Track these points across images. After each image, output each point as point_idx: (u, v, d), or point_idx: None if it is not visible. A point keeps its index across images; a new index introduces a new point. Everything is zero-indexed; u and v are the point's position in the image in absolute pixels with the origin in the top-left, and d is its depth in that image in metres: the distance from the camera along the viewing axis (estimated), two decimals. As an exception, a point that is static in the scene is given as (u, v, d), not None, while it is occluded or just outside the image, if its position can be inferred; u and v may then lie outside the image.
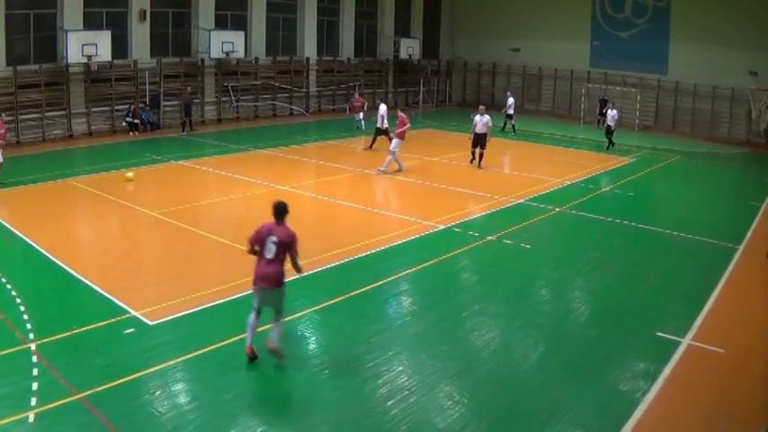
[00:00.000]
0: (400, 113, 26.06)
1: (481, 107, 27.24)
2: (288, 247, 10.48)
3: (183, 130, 33.43)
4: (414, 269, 15.18)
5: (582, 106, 43.98)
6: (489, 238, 17.64)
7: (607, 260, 16.79)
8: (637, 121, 42.76)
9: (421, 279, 14.82)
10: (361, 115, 36.22)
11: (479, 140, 26.63)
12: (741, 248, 18.16)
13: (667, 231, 19.54)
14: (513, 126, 36.95)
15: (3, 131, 22.05)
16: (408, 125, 25.71)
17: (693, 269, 16.37)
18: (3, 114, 22.72)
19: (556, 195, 23.02)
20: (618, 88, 43.81)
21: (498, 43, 49.25)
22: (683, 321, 12.92)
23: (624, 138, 38.05)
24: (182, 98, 34.34)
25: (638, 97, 42.80)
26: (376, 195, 22.25)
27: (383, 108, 30.02)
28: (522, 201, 21.95)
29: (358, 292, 13.64)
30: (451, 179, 24.54)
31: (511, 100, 37.19)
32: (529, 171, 26.97)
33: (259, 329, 10.62)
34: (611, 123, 33.73)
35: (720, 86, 40.46)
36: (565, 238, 18.84)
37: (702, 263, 16.89)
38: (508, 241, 17.36)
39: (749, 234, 19.67)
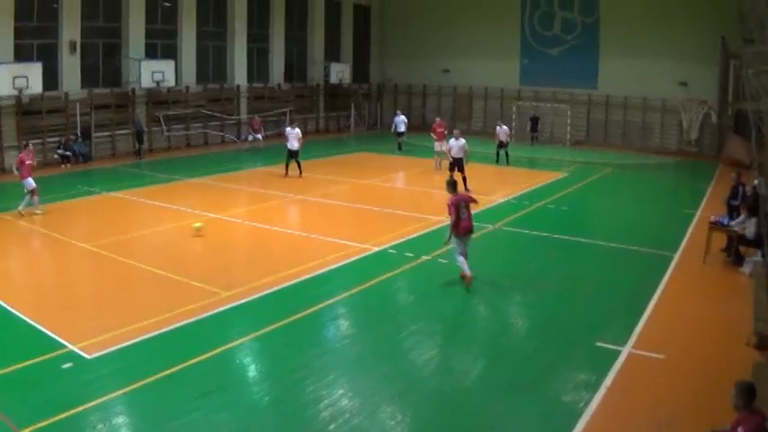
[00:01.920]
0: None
1: (456, 131, 27.58)
2: (471, 201, 16.15)
3: (138, 157, 34.22)
4: (350, 292, 15.10)
5: (513, 124, 44.51)
6: (424, 258, 17.65)
7: (543, 274, 16.92)
8: (568, 136, 43.49)
9: (358, 302, 14.74)
10: (259, 136, 38.28)
11: (457, 165, 26.63)
12: (677, 256, 18.52)
13: (603, 243, 19.82)
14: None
15: (31, 162, 22.31)
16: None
17: (630, 279, 16.62)
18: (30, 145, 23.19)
19: (490, 213, 23.12)
20: (549, 105, 44.52)
21: (428, 64, 49.67)
22: (622, 330, 13.06)
23: (556, 153, 38.64)
24: (134, 125, 34.84)
25: (569, 112, 43.53)
26: (310, 220, 22.09)
27: (294, 132, 29.48)
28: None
29: (296, 317, 13.50)
30: (386, 201, 24.57)
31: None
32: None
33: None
34: (504, 139, 34.07)
35: (651, 98, 41.38)
36: (500, 255, 18.97)
37: (639, 272, 17.16)
38: (443, 261, 17.35)
39: (684, 242, 20.06)
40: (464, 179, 26.19)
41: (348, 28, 50.76)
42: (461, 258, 15.53)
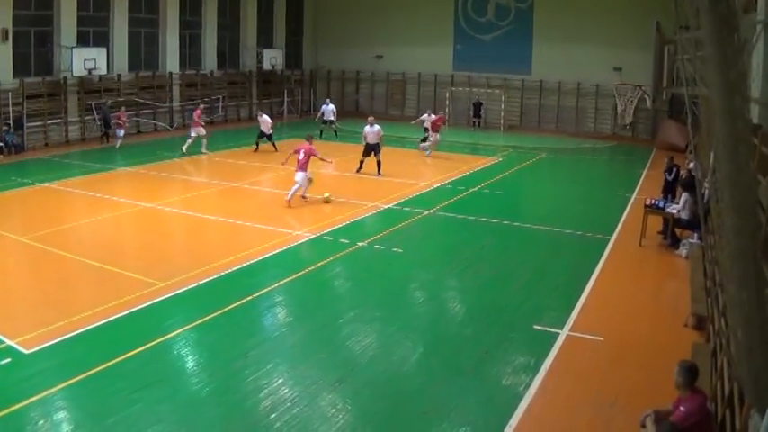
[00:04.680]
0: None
1: (370, 118, 28.32)
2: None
3: (105, 142, 34.94)
4: (287, 280, 15.03)
5: (446, 110, 44.65)
6: (360, 244, 17.67)
7: (479, 259, 17.12)
8: (502, 121, 43.84)
9: (295, 290, 14.70)
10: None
11: (372, 149, 27.30)
12: (613, 239, 18.93)
13: (538, 227, 20.10)
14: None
15: None
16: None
17: (567, 262, 16.89)
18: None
19: (425, 198, 23.33)
20: (482, 90, 44.82)
21: (361, 50, 49.57)
22: (559, 313, 13.26)
23: (491, 138, 38.97)
24: (100, 111, 35.27)
25: (503, 98, 43.90)
26: (244, 208, 21.86)
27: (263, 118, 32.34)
28: (391, 205, 22.08)
29: (232, 306, 13.38)
30: (320, 188, 24.47)
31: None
32: (397, 176, 27.15)
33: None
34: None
35: (585, 83, 42.00)
36: (436, 240, 19.13)
37: (575, 256, 17.48)
38: (379, 246, 17.44)
39: (620, 224, 20.49)
40: (378, 163, 27.05)
41: (281, 13, 50.26)
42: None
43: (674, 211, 17.99)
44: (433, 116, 33.53)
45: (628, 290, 15.03)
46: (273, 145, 32.33)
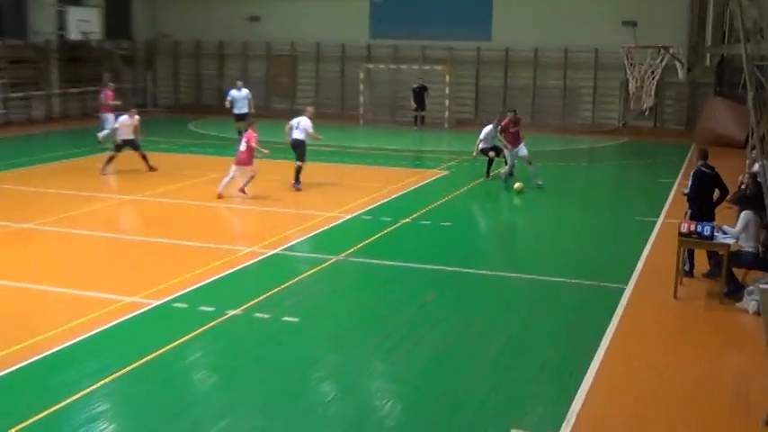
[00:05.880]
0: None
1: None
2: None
3: None
4: (114, 376, 14.45)
5: (361, 99, 44.77)
6: (232, 312, 17.24)
7: (420, 327, 16.75)
8: (447, 114, 44.02)
9: (127, 391, 14.13)
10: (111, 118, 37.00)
11: (294, 150, 29.07)
12: (629, 289, 18.74)
13: (511, 275, 20.05)
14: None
15: None
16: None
17: (558, 328, 16.61)
18: None
19: (332, 236, 23.47)
20: (415, 67, 45.00)
21: (226, 9, 49.64)
22: (550, 408, 13.02)
23: (431, 140, 39.15)
24: None
25: (448, 79, 44.11)
26: (47, 263, 21.47)
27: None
28: (278, 250, 21.93)
29: (23, 425, 12.97)
30: (166, 228, 24.21)
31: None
32: (288, 204, 27.32)
33: None
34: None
35: (576, 49, 42.50)
36: (351, 301, 18.83)
37: (571, 317, 17.21)
38: (262, 315, 17.11)
39: (640, 265, 20.45)
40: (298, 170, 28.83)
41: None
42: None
43: (731, 241, 17.79)
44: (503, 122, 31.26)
45: (660, 369, 14.67)
46: (145, 159, 32.71)
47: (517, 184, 23.87)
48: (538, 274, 19.94)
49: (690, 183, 19.57)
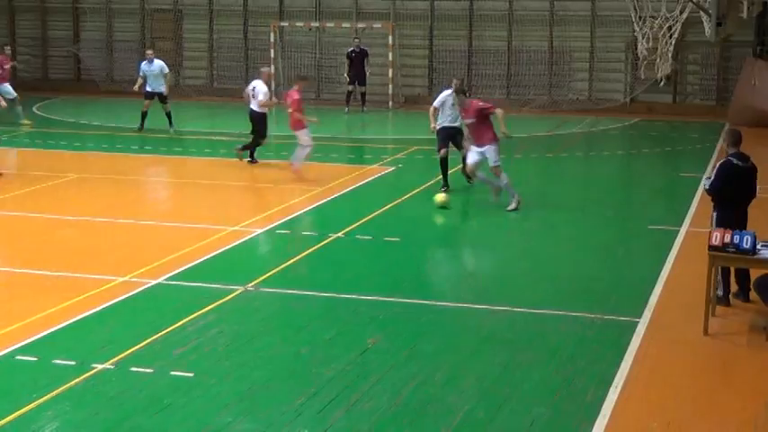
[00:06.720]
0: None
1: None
2: None
3: None
4: None
5: (272, 69, 44.94)
6: (100, 366, 17.12)
7: (357, 381, 16.67)
8: (390, 88, 44.18)
9: None
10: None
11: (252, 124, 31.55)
12: (644, 321, 18.88)
13: (480, 307, 20.14)
14: None
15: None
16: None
17: (545, 377, 16.61)
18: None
19: (236, 259, 23.81)
20: (345, 26, 45.22)
21: None
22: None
23: (369, 125, 39.28)
24: None
25: (390, 40, 44.32)
26: None
27: None
28: (162, 279, 21.99)
29: None
30: (8, 251, 24.35)
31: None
32: (174, 215, 27.69)
33: None
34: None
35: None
36: (262, 348, 18.63)
37: (564, 362, 17.24)
38: (143, 369, 17.03)
39: (658, 290, 20.64)
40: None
41: None
42: None
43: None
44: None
45: (692, 427, 14.94)
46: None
47: (439, 196, 24.33)
48: (519, 305, 20.03)
49: (713, 175, 19.50)
